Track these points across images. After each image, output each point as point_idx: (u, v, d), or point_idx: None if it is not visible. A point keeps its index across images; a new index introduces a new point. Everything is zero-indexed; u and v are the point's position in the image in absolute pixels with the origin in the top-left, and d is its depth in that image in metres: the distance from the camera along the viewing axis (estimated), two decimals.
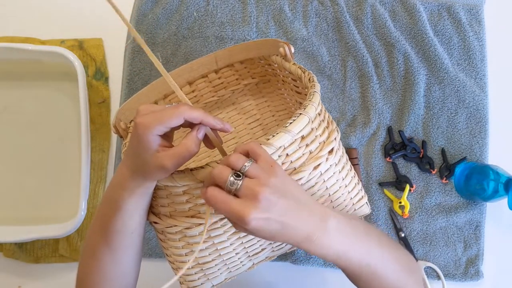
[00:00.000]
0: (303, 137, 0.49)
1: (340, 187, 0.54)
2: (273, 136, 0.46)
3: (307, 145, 0.50)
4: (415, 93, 0.77)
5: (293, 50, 0.60)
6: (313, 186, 0.52)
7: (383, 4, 0.80)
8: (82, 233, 0.77)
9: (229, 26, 0.80)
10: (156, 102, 0.69)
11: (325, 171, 0.52)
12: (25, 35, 0.80)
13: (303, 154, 0.50)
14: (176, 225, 0.52)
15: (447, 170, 0.76)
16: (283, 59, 0.62)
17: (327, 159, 0.52)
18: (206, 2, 0.81)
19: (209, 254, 0.54)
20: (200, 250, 0.53)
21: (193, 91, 0.72)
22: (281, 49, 0.60)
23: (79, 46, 0.80)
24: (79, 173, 0.69)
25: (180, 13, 0.80)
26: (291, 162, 0.49)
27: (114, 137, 0.80)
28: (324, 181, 0.52)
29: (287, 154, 0.48)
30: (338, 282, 0.76)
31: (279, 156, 0.48)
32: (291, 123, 0.47)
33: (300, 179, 0.50)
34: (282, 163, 0.49)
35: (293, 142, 0.48)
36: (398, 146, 0.77)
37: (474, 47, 0.78)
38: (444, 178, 0.76)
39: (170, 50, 0.80)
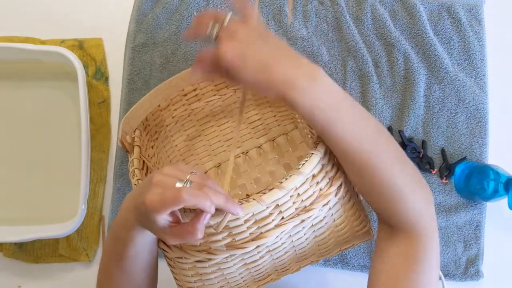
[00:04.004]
0: (314, 176, 0.49)
1: (346, 217, 0.55)
2: (286, 179, 0.46)
3: (317, 183, 0.50)
4: (415, 93, 0.77)
5: None
6: (321, 221, 0.52)
7: (383, 4, 0.80)
8: (82, 233, 0.77)
9: None
10: (158, 106, 0.69)
11: (333, 205, 0.52)
12: (25, 35, 0.80)
13: (313, 192, 0.50)
14: (186, 257, 0.52)
15: (447, 170, 0.76)
16: None
17: (336, 194, 0.52)
18: (206, 1, 0.81)
19: (217, 282, 0.54)
20: (209, 279, 0.53)
21: (194, 90, 0.72)
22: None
23: (79, 46, 0.80)
24: (79, 173, 0.69)
25: (180, 12, 0.80)
26: (302, 201, 0.49)
27: (114, 137, 0.80)
28: (332, 214, 0.53)
29: (298, 194, 0.49)
30: (338, 282, 0.76)
31: (290, 197, 0.48)
32: (303, 164, 0.47)
33: (309, 217, 0.50)
34: (293, 203, 0.49)
35: (305, 181, 0.48)
36: None
37: (474, 47, 0.78)
38: (444, 178, 0.76)
39: (170, 49, 0.80)
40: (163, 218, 0.43)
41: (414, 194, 0.51)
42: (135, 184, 0.56)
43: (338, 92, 0.46)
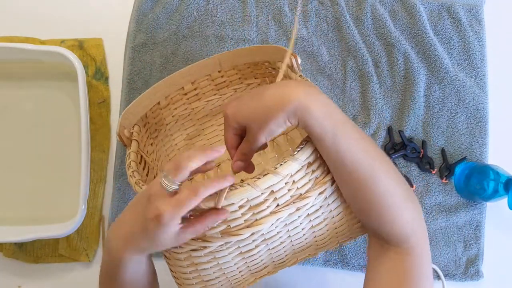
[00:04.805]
0: (309, 163, 0.49)
1: (343, 208, 0.54)
2: (281, 165, 0.46)
3: (313, 171, 0.50)
4: (415, 93, 0.77)
5: (299, 61, 0.60)
6: (317, 210, 0.52)
7: (383, 4, 0.80)
8: (82, 233, 0.77)
9: (229, 25, 0.80)
10: (159, 104, 0.69)
11: (329, 195, 0.52)
12: (25, 35, 0.80)
13: (309, 180, 0.50)
14: (181, 247, 0.52)
15: (447, 170, 0.76)
16: (289, 69, 0.62)
17: (332, 183, 0.51)
18: (206, 1, 0.81)
19: (213, 273, 0.54)
20: (204, 269, 0.54)
21: (195, 89, 0.72)
22: (288, 59, 0.60)
23: (79, 46, 0.80)
24: (79, 173, 0.69)
25: (180, 12, 0.80)
26: (297, 188, 0.49)
27: (114, 137, 0.80)
28: (329, 204, 0.52)
29: (293, 181, 0.48)
30: (338, 282, 0.76)
31: (286, 183, 0.48)
32: (298, 151, 0.48)
33: (305, 205, 0.50)
34: (288, 190, 0.49)
35: (300, 169, 0.48)
36: (398, 146, 0.77)
37: (474, 47, 0.78)
38: (444, 178, 0.76)
39: (170, 49, 0.80)
40: (175, 225, 0.44)
41: (406, 206, 0.51)
42: (130, 176, 0.56)
43: (331, 103, 0.48)
